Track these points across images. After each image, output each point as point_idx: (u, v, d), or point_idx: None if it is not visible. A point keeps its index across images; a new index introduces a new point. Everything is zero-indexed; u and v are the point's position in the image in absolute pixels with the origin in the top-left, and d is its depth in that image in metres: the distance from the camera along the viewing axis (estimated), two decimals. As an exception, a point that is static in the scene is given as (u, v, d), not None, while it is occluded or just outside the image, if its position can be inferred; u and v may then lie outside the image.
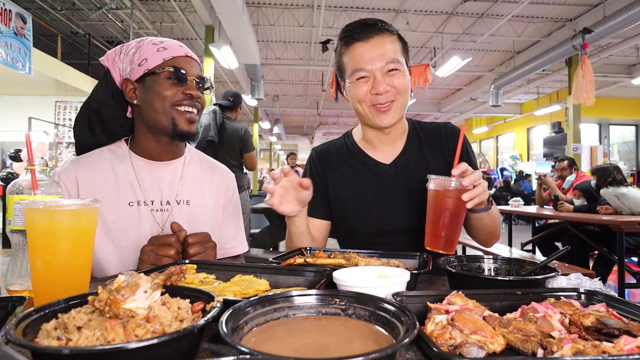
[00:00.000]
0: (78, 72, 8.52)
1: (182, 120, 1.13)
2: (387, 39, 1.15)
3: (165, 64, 1.12)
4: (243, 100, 4.10)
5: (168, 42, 1.16)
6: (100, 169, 1.15)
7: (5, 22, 5.34)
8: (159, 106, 1.11)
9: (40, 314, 0.51)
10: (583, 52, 7.08)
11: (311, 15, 8.81)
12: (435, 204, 1.00)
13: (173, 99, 1.12)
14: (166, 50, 1.13)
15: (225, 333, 0.44)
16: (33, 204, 0.68)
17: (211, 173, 1.31)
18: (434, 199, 1.01)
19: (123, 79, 1.15)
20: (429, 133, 1.31)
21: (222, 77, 11.96)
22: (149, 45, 1.14)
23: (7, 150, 7.78)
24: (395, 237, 1.26)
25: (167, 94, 1.11)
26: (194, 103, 1.15)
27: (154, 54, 1.12)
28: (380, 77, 1.14)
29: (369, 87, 1.15)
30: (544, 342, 0.53)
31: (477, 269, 0.93)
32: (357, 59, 1.15)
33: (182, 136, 1.15)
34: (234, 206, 1.36)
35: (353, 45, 1.16)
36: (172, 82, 1.12)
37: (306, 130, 22.97)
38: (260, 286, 0.75)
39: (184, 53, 1.15)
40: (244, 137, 3.75)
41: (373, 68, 1.14)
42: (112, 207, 1.12)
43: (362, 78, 1.16)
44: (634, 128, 14.35)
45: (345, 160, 1.33)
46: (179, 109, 1.12)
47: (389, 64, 1.14)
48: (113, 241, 1.11)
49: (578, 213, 4.22)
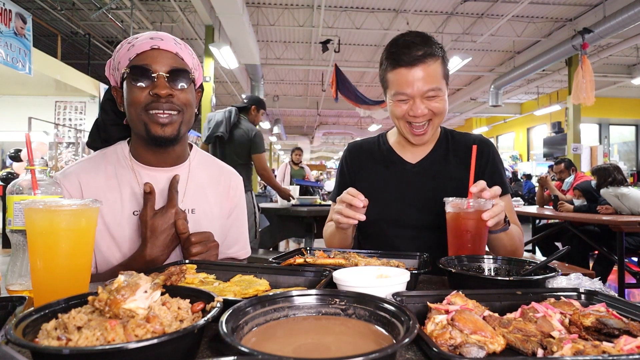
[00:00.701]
0: (78, 72, 8.52)
1: (154, 125, 1.03)
2: (432, 66, 1.19)
3: (131, 63, 1.03)
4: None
5: (141, 37, 1.05)
6: (104, 174, 1.11)
7: (5, 22, 5.34)
8: (132, 112, 1.04)
9: (40, 314, 0.51)
10: (583, 52, 7.08)
11: (311, 15, 8.81)
12: (455, 227, 1.02)
13: (141, 103, 1.02)
14: (133, 47, 1.03)
15: (225, 333, 0.44)
16: (33, 204, 0.68)
17: (217, 177, 1.26)
18: (454, 222, 1.02)
19: (113, 86, 1.12)
20: (458, 143, 1.38)
21: (222, 77, 11.95)
22: (124, 46, 1.06)
23: (7, 150, 7.77)
24: (409, 231, 1.31)
25: (134, 98, 1.02)
26: (164, 104, 1.02)
27: (124, 54, 1.04)
28: (419, 102, 1.20)
29: (408, 109, 1.22)
30: (544, 342, 0.53)
31: (477, 269, 0.93)
32: (400, 83, 1.21)
33: (157, 141, 1.05)
34: (240, 210, 1.32)
35: (398, 68, 1.21)
36: (137, 84, 1.01)
37: (306, 130, 22.96)
38: (260, 286, 0.75)
39: (149, 46, 1.03)
40: (254, 138, 3.75)
41: (414, 92, 1.20)
42: (117, 216, 1.08)
43: (403, 100, 1.23)
44: (634, 128, 14.34)
45: (375, 156, 1.43)
46: (149, 112, 1.02)
47: (430, 91, 1.19)
48: (120, 250, 1.08)
49: (578, 213, 4.22)
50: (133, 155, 1.15)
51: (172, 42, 1.07)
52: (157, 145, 1.08)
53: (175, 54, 1.06)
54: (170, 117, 1.04)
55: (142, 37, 1.05)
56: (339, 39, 9.43)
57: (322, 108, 16.26)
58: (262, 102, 4.05)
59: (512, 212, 1.28)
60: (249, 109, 3.91)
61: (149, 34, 1.06)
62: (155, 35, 1.05)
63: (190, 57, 1.11)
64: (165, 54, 1.04)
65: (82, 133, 8.90)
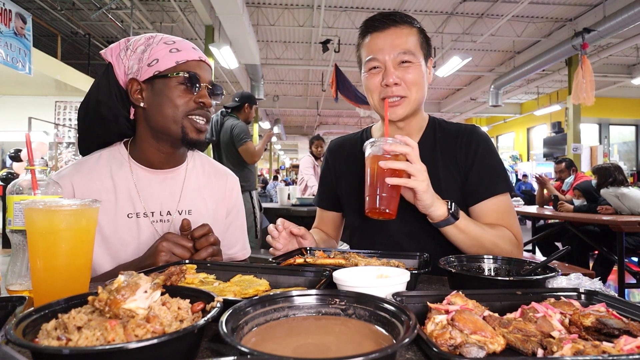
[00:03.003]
0: (78, 72, 8.52)
1: (192, 130, 1.08)
2: (404, 30, 1.13)
3: (179, 67, 1.05)
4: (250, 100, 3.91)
5: (181, 43, 1.09)
6: (98, 176, 1.09)
7: (5, 22, 5.34)
8: (170, 113, 1.05)
9: (40, 314, 0.51)
10: (583, 52, 7.08)
11: (311, 15, 8.81)
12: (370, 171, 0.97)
13: (186, 107, 1.06)
14: (180, 52, 1.06)
15: (225, 333, 0.44)
16: (33, 204, 0.68)
17: (214, 178, 1.26)
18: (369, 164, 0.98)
19: (129, 78, 1.07)
20: (446, 133, 1.24)
21: (222, 77, 11.96)
22: (161, 45, 1.06)
23: (7, 150, 7.77)
24: (396, 228, 1.21)
25: (179, 101, 1.05)
26: (206, 112, 1.10)
27: (166, 54, 1.05)
28: (392, 68, 1.11)
29: (380, 79, 1.13)
30: (544, 342, 0.53)
31: (477, 269, 0.93)
32: (371, 48, 1.14)
33: (190, 145, 1.10)
34: (237, 211, 1.32)
35: (369, 35, 1.15)
36: (185, 89, 1.05)
37: (306, 130, 22.96)
38: (260, 286, 0.75)
39: (197, 57, 1.09)
40: (233, 132, 3.61)
41: (385, 58, 1.11)
42: (110, 218, 1.07)
43: (375, 69, 1.14)
44: (634, 128, 14.34)
45: (355, 153, 1.30)
46: (191, 117, 1.07)
47: (402, 55, 1.11)
48: (110, 253, 1.07)
49: (578, 213, 4.22)
50: (132, 154, 1.13)
51: (206, 57, 1.15)
52: (189, 147, 1.13)
53: (211, 68, 1.15)
54: (206, 125, 1.11)
55: (184, 44, 1.09)
56: (339, 39, 9.43)
57: (322, 108, 16.26)
58: (253, 98, 3.96)
59: (507, 213, 1.15)
60: (241, 107, 3.82)
61: (189, 44, 1.10)
62: (195, 47, 1.11)
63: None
64: (207, 68, 1.12)
65: (82, 133, 8.90)
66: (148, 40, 1.08)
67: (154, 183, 1.13)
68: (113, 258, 1.07)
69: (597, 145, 12.72)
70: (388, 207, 0.95)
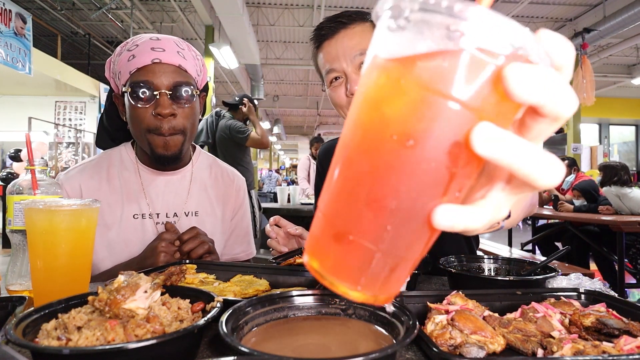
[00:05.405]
0: (78, 72, 8.52)
1: (158, 146, 1.01)
2: (356, 28, 0.99)
3: (132, 78, 0.97)
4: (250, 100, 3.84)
5: (141, 44, 0.99)
6: (106, 176, 1.10)
7: (5, 22, 5.34)
8: (134, 130, 1.02)
9: (40, 314, 0.51)
10: (583, 52, 7.07)
11: (311, 15, 8.81)
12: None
13: (144, 124, 0.98)
14: (134, 59, 0.97)
15: (225, 333, 0.44)
16: (33, 204, 0.68)
17: (221, 179, 1.25)
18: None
19: (115, 93, 1.09)
20: None
21: (222, 77, 11.95)
22: (124, 54, 0.99)
23: (7, 150, 7.76)
24: None
25: (138, 117, 0.98)
26: (167, 123, 0.98)
27: (124, 65, 0.98)
28: (353, 75, 0.99)
29: (344, 89, 1.01)
30: (544, 342, 0.53)
31: (477, 269, 0.93)
32: (326, 59, 1.02)
33: (160, 161, 1.05)
34: (244, 212, 1.31)
35: (322, 45, 1.03)
36: (141, 102, 0.96)
37: (306, 130, 22.96)
38: (260, 286, 0.76)
39: (150, 60, 0.97)
40: (230, 131, 3.55)
41: (343, 66, 0.99)
42: (116, 218, 1.07)
43: (336, 80, 1.02)
44: (634, 128, 14.34)
45: None
46: (152, 134, 0.99)
47: (359, 57, 0.97)
48: (114, 254, 1.06)
49: (578, 213, 4.22)
50: (138, 158, 1.14)
51: (175, 51, 1.01)
52: (160, 162, 1.07)
53: (178, 66, 1.01)
54: (172, 138, 1.01)
55: (142, 45, 0.99)
56: (339, 39, 9.42)
57: (322, 108, 16.25)
58: (250, 98, 3.92)
59: None
60: (237, 107, 3.75)
61: (150, 42, 0.99)
62: (156, 45, 0.99)
63: (193, 62, 1.06)
64: (167, 68, 0.99)
65: (82, 133, 8.91)
66: (121, 48, 1.02)
67: (160, 184, 1.13)
68: (116, 259, 1.07)
69: (597, 145, 12.72)
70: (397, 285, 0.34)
